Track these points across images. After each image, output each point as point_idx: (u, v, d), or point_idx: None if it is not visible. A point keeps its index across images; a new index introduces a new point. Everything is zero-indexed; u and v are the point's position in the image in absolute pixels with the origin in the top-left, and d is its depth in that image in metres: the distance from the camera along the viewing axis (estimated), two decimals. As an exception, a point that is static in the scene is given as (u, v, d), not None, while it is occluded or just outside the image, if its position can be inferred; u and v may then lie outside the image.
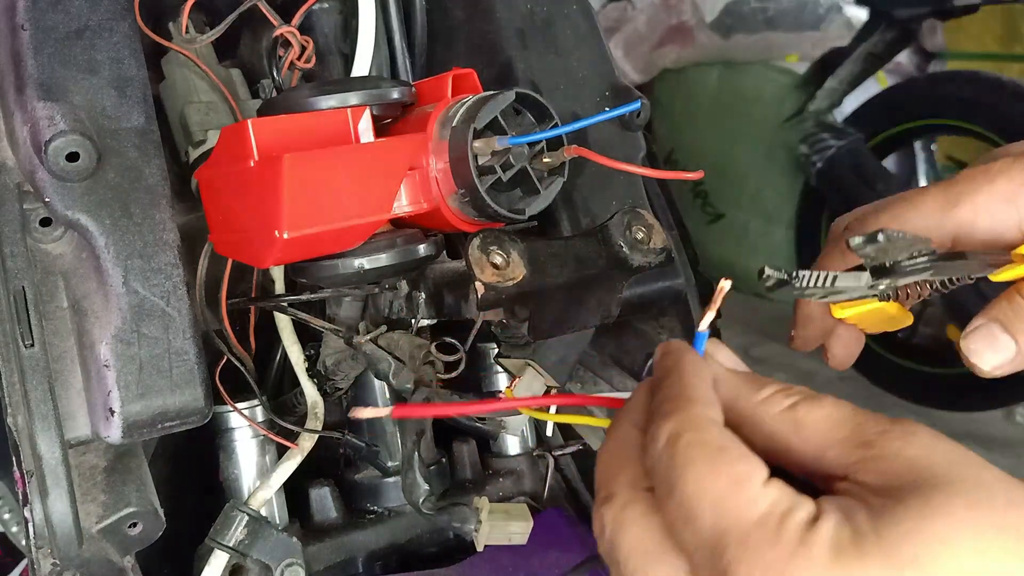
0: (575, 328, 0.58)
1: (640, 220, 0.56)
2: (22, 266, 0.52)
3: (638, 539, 0.33)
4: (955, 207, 0.45)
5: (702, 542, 0.30)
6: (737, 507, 0.30)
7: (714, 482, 0.31)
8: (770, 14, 2.81)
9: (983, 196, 0.44)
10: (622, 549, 0.33)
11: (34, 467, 0.50)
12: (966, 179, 0.45)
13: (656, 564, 0.32)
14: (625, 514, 0.33)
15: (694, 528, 0.31)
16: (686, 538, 0.31)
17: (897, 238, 0.40)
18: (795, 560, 0.28)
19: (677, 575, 0.31)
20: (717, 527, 0.30)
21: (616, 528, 0.33)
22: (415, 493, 0.52)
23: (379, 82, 0.56)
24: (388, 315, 0.61)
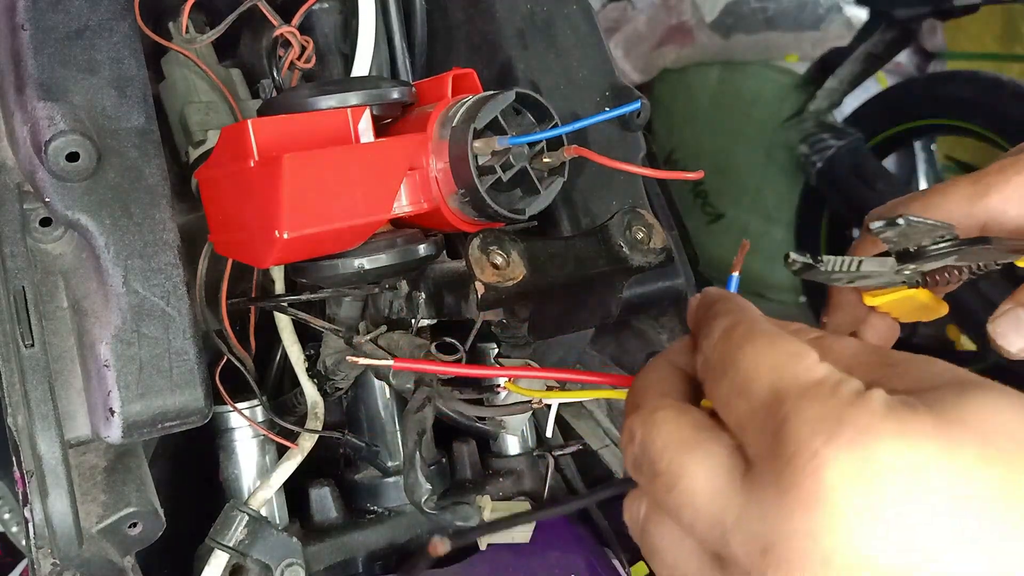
0: (575, 328, 0.58)
1: (640, 220, 0.56)
2: (22, 266, 0.52)
3: (672, 433, 0.33)
4: (984, 197, 0.45)
5: (757, 405, 0.30)
6: (795, 372, 0.30)
7: (772, 355, 0.31)
8: (770, 14, 2.81)
9: (1013, 186, 0.45)
10: (655, 446, 0.33)
11: (34, 467, 0.50)
12: (997, 170, 0.46)
13: (694, 451, 0.32)
14: (656, 415, 0.33)
15: (749, 396, 0.31)
16: (739, 408, 0.31)
17: (918, 223, 0.40)
18: (852, 409, 0.28)
19: (717, 458, 0.31)
20: (774, 388, 0.30)
21: (647, 429, 0.33)
22: (417, 492, 0.52)
23: (379, 82, 0.56)
24: (388, 315, 0.61)
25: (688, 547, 0.33)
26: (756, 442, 0.30)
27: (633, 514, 0.35)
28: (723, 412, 0.32)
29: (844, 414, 0.28)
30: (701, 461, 0.31)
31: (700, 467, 0.31)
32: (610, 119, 0.64)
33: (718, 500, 0.31)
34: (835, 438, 0.27)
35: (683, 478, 0.31)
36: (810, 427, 0.28)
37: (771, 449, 0.29)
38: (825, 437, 0.28)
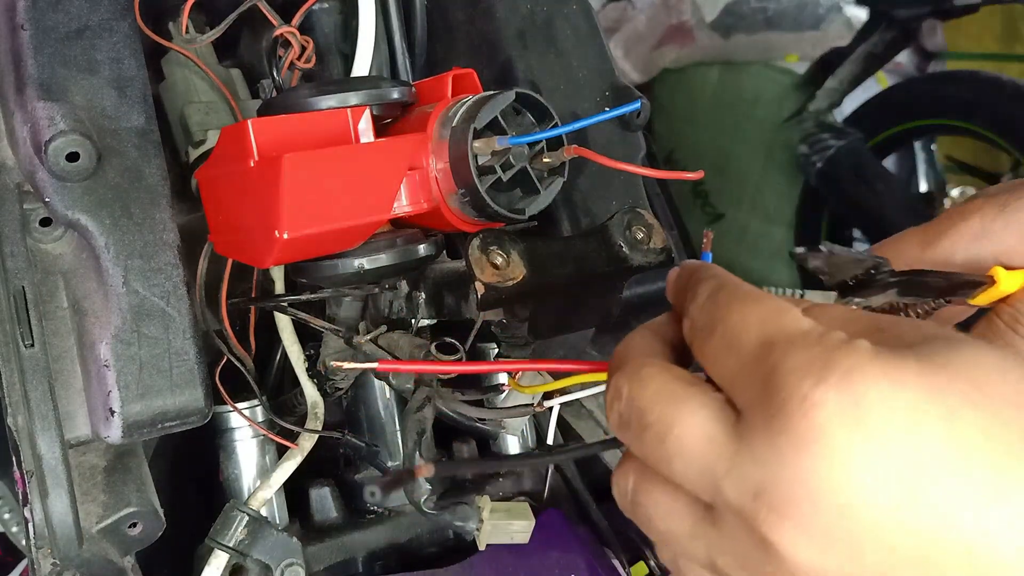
0: (575, 328, 0.58)
1: (640, 220, 0.56)
2: (22, 266, 0.52)
3: (661, 386, 0.33)
4: (932, 246, 0.46)
5: (746, 357, 0.31)
6: (782, 324, 0.31)
7: (759, 310, 0.32)
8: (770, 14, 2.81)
9: (958, 234, 0.46)
10: (644, 398, 0.33)
11: (34, 467, 0.50)
12: (944, 219, 0.47)
13: (684, 402, 0.32)
14: (643, 371, 0.34)
15: (738, 349, 0.31)
16: (728, 363, 0.32)
17: (843, 252, 0.41)
18: (839, 354, 0.29)
19: (707, 408, 0.32)
20: (762, 339, 0.31)
21: (635, 384, 0.33)
22: (417, 492, 0.52)
23: (379, 82, 0.56)
24: (388, 315, 0.61)
25: (680, 507, 0.33)
26: (746, 391, 0.31)
27: (622, 487, 0.36)
28: (712, 369, 0.33)
29: (831, 358, 0.28)
30: (693, 410, 0.32)
31: (692, 416, 0.32)
32: (610, 119, 0.64)
33: (710, 448, 0.31)
34: (823, 381, 0.28)
35: (675, 426, 0.32)
36: (799, 372, 0.29)
37: (761, 396, 0.30)
38: (814, 380, 0.28)
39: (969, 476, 0.27)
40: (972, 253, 0.45)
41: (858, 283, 0.42)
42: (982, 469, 0.27)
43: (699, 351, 0.34)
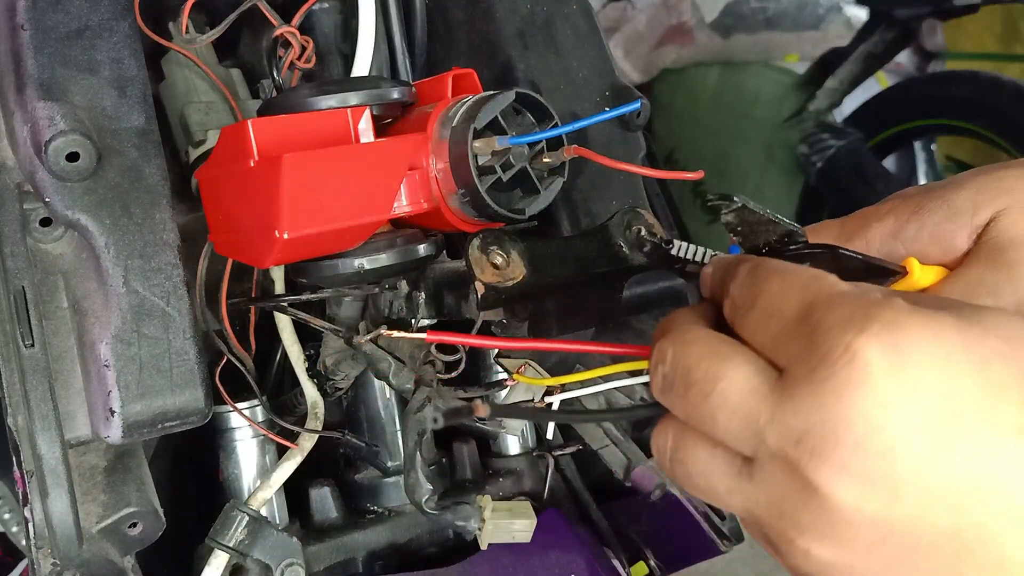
0: (575, 328, 0.58)
1: (640, 220, 0.56)
2: (22, 266, 0.52)
3: (706, 346, 0.34)
4: (850, 240, 0.48)
5: (789, 319, 0.32)
6: (822, 287, 0.32)
7: (797, 278, 0.33)
8: (770, 14, 2.81)
9: (873, 231, 0.47)
10: (691, 356, 0.34)
11: (34, 467, 0.50)
12: (860, 216, 0.48)
13: (729, 359, 0.33)
14: (688, 333, 0.35)
15: (780, 314, 0.33)
16: (770, 328, 0.33)
17: (758, 210, 0.41)
18: (878, 308, 0.30)
19: (752, 365, 0.33)
20: (804, 301, 0.32)
21: (680, 346, 0.35)
22: (418, 492, 0.52)
23: (379, 82, 0.56)
24: (388, 315, 0.61)
25: (719, 463, 0.34)
26: (789, 349, 0.32)
27: (661, 445, 0.37)
28: (753, 339, 0.34)
29: (872, 312, 0.30)
30: (737, 365, 0.33)
31: (736, 370, 0.33)
32: (610, 119, 0.64)
33: (753, 399, 0.32)
34: (865, 330, 0.29)
35: (720, 381, 0.33)
36: (842, 325, 0.30)
37: (805, 350, 0.31)
38: (856, 330, 0.29)
39: (1000, 417, 0.29)
40: (886, 251, 0.47)
41: (771, 250, 0.42)
42: (1012, 410, 0.29)
43: (740, 325, 0.35)
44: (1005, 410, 0.29)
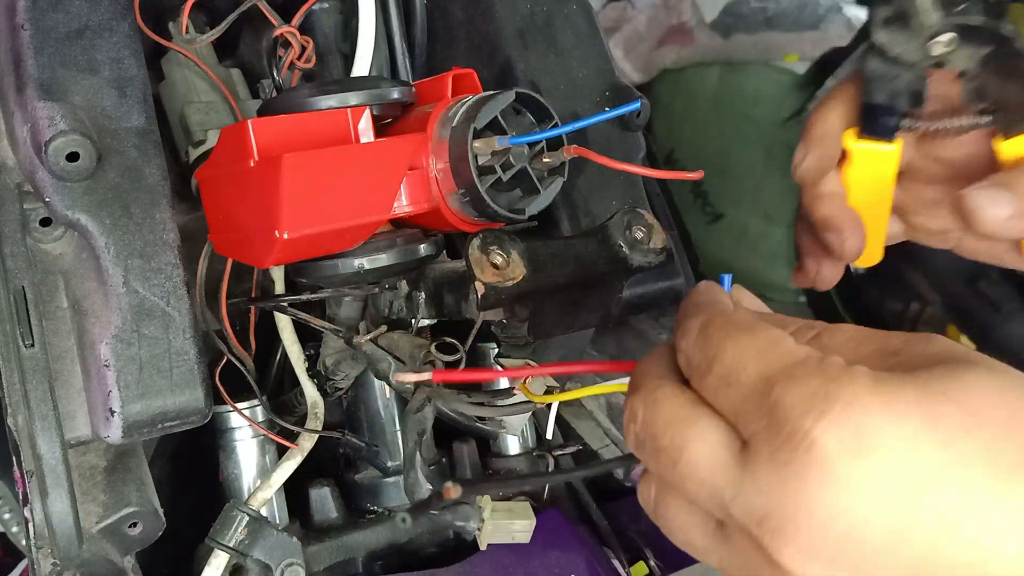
0: (575, 328, 0.58)
1: (640, 220, 0.56)
2: (22, 266, 0.52)
3: (673, 410, 0.34)
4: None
5: (747, 391, 0.32)
6: (779, 355, 0.32)
7: (753, 343, 0.33)
8: (770, 14, 2.81)
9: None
10: (658, 422, 0.34)
11: (34, 467, 0.50)
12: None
13: (693, 426, 0.33)
14: (657, 393, 0.35)
15: (738, 384, 0.32)
16: (729, 397, 0.33)
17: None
18: (838, 385, 0.30)
19: (715, 434, 0.33)
20: (762, 373, 0.32)
21: (649, 407, 0.35)
22: (417, 492, 0.52)
23: (379, 82, 0.56)
24: (388, 315, 0.61)
25: (696, 520, 0.35)
26: (750, 424, 0.32)
27: (645, 496, 0.37)
28: (714, 402, 0.34)
29: (831, 390, 0.30)
30: (701, 437, 0.33)
31: (701, 442, 0.33)
32: (610, 119, 0.64)
33: (718, 473, 0.32)
34: (825, 415, 0.29)
35: (685, 452, 0.33)
36: (801, 406, 0.30)
37: (766, 430, 0.31)
38: (816, 414, 0.29)
39: (967, 489, 0.28)
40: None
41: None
42: (979, 481, 0.28)
43: (698, 386, 0.35)
44: (970, 479, 0.28)
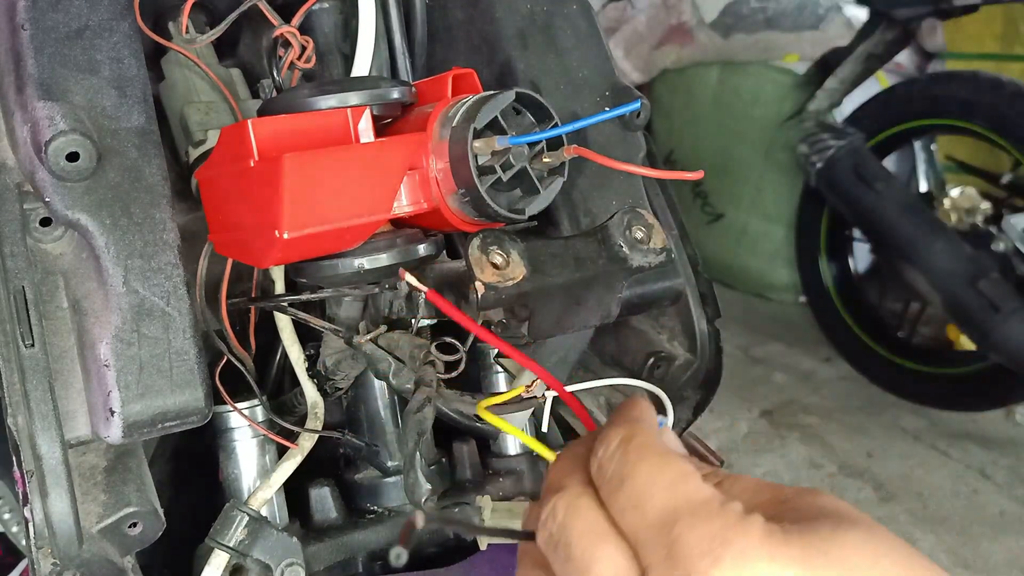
0: (575, 328, 0.58)
1: (640, 220, 0.56)
2: (22, 266, 0.52)
3: (589, 523, 0.36)
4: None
5: (652, 521, 0.35)
6: (686, 490, 0.35)
7: (664, 473, 0.35)
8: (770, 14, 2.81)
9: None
10: (575, 532, 0.36)
11: (34, 467, 0.50)
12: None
13: (605, 544, 0.36)
14: (579, 502, 0.37)
15: (643, 511, 0.35)
16: (634, 522, 0.35)
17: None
18: (736, 530, 0.33)
19: (622, 556, 0.35)
20: (667, 506, 0.34)
21: (569, 514, 0.37)
22: (417, 492, 0.52)
23: (379, 82, 0.56)
24: (388, 315, 0.61)
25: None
26: (650, 555, 0.34)
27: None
28: (619, 520, 0.36)
29: (728, 537, 0.33)
30: (609, 556, 0.36)
31: (608, 561, 0.35)
32: (610, 119, 0.64)
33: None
34: (720, 560, 0.32)
35: (592, 570, 0.36)
36: (699, 548, 0.33)
37: (664, 564, 0.33)
38: (712, 559, 0.32)
39: None
40: None
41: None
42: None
43: (607, 499, 0.37)
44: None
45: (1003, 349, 1.94)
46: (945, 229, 2.17)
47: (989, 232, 2.18)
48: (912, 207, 2.22)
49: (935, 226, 2.17)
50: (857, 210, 2.32)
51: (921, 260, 2.13)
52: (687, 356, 0.77)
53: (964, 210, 2.30)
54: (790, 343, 2.61)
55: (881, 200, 2.22)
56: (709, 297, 0.77)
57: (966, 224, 2.27)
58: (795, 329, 2.72)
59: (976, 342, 2.08)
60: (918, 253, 2.14)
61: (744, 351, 2.52)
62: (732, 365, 1.43)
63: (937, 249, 2.10)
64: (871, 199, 2.23)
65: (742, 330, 2.65)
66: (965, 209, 2.30)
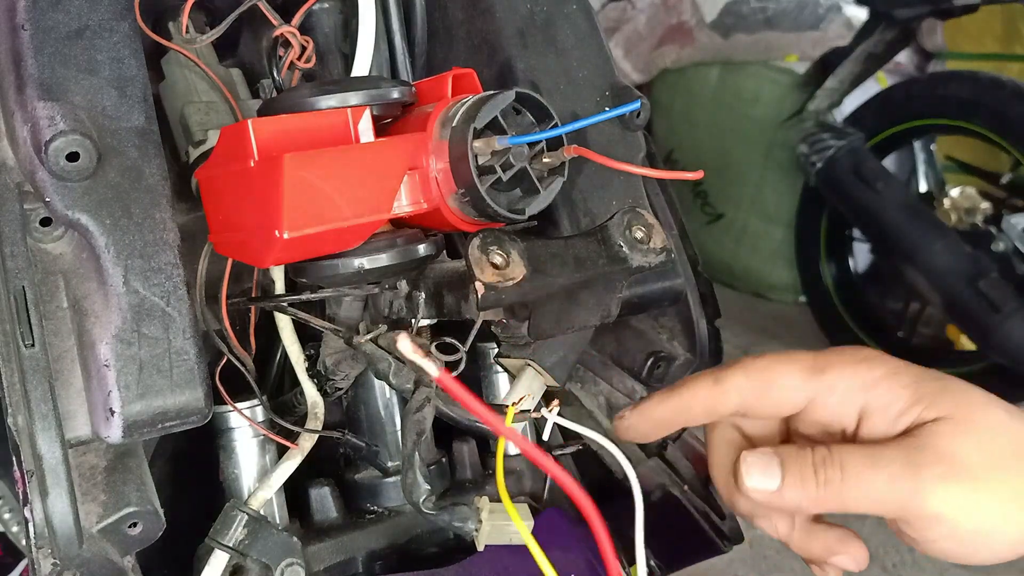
0: (575, 328, 0.58)
1: (640, 220, 0.56)
2: (22, 266, 0.52)
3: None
4: (821, 374, 0.50)
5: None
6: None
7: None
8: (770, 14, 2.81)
9: (848, 371, 0.50)
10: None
11: (34, 467, 0.50)
12: (837, 353, 0.51)
13: None
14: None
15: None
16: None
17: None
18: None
19: None
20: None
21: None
22: (415, 493, 0.52)
23: (379, 82, 0.56)
24: (388, 315, 0.61)
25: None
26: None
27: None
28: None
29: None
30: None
31: None
32: (610, 119, 0.64)
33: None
34: None
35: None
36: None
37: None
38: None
39: None
40: (846, 399, 0.51)
41: None
42: None
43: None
44: None
45: (1003, 349, 1.95)
46: (945, 229, 2.17)
47: (989, 232, 2.18)
48: (912, 207, 2.22)
49: (935, 226, 2.17)
50: (857, 210, 2.32)
51: (921, 260, 2.14)
52: (687, 356, 0.77)
53: (964, 210, 2.30)
54: (790, 343, 2.62)
55: (881, 200, 2.22)
56: (709, 297, 0.77)
57: (966, 224, 2.27)
58: (795, 329, 2.72)
59: (976, 342, 2.08)
60: (918, 253, 2.14)
61: (744, 351, 2.52)
62: (732, 365, 1.42)
63: (937, 249, 2.10)
64: (871, 199, 2.24)
65: (742, 330, 2.65)
66: (965, 209, 2.30)
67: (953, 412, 0.46)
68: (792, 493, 0.47)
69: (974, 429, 0.45)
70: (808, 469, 0.47)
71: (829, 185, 2.34)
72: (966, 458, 0.45)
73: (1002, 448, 0.45)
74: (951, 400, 0.47)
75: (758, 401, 0.51)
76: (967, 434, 0.45)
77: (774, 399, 0.51)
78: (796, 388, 0.50)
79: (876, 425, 0.48)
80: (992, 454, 0.45)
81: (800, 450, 0.48)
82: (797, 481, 0.47)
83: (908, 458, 0.45)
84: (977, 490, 0.44)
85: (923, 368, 0.49)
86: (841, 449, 0.47)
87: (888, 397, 0.48)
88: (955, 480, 0.44)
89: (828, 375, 0.49)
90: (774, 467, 0.48)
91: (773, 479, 0.48)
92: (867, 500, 0.46)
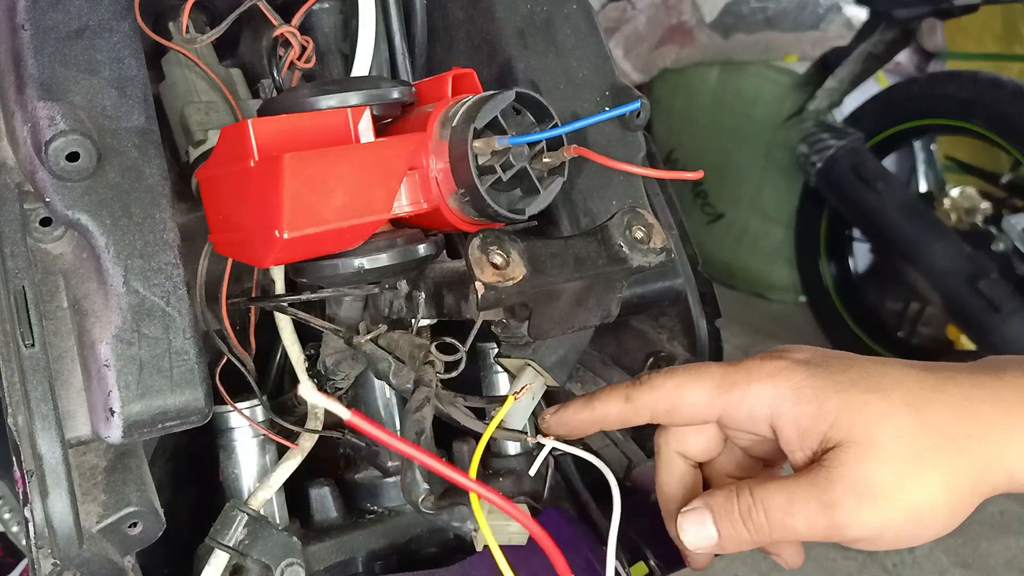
0: (575, 328, 0.58)
1: (640, 220, 0.56)
2: (22, 266, 0.52)
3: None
4: (729, 391, 0.51)
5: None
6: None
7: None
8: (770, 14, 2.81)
9: (753, 389, 0.51)
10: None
11: (34, 467, 0.50)
12: (746, 369, 0.52)
13: None
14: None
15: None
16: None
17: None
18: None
19: None
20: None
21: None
22: (414, 492, 0.52)
23: (379, 82, 0.56)
24: (388, 315, 0.61)
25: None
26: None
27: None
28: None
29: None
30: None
31: None
32: (610, 119, 0.64)
33: None
34: None
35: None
36: None
37: None
38: None
39: None
40: (756, 412, 0.52)
41: None
42: None
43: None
44: None
45: (1003, 349, 1.94)
46: (945, 229, 2.17)
47: (989, 232, 2.18)
48: (912, 207, 2.22)
49: (935, 226, 2.17)
50: (857, 210, 2.32)
51: (921, 260, 2.14)
52: (687, 356, 0.77)
53: (964, 210, 2.30)
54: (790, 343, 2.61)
55: (881, 200, 2.22)
56: (709, 297, 0.77)
57: (966, 224, 2.27)
58: (795, 329, 2.72)
59: (976, 342, 2.08)
60: (918, 253, 2.14)
61: (744, 351, 2.52)
62: (732, 365, 1.43)
63: (937, 249, 2.10)
64: (871, 199, 2.23)
65: (742, 330, 2.65)
66: (965, 209, 2.30)
67: (855, 435, 0.47)
68: (729, 543, 0.51)
69: (876, 449, 0.47)
70: (737, 519, 0.50)
71: (829, 185, 2.34)
72: (872, 480, 0.46)
73: (905, 454, 0.46)
74: (851, 419, 0.47)
75: (668, 417, 0.54)
76: (871, 457, 0.46)
77: (684, 416, 0.53)
78: (705, 405, 0.52)
79: (788, 441, 0.50)
80: (897, 467, 0.46)
81: (727, 500, 0.50)
82: (731, 531, 0.50)
83: (821, 497, 0.47)
84: (888, 509, 0.46)
85: (832, 373, 0.50)
86: (763, 492, 0.49)
87: (792, 414, 0.49)
88: (868, 505, 0.46)
89: (734, 393, 0.51)
90: (708, 524, 0.51)
91: (710, 535, 0.51)
92: (796, 537, 0.49)
